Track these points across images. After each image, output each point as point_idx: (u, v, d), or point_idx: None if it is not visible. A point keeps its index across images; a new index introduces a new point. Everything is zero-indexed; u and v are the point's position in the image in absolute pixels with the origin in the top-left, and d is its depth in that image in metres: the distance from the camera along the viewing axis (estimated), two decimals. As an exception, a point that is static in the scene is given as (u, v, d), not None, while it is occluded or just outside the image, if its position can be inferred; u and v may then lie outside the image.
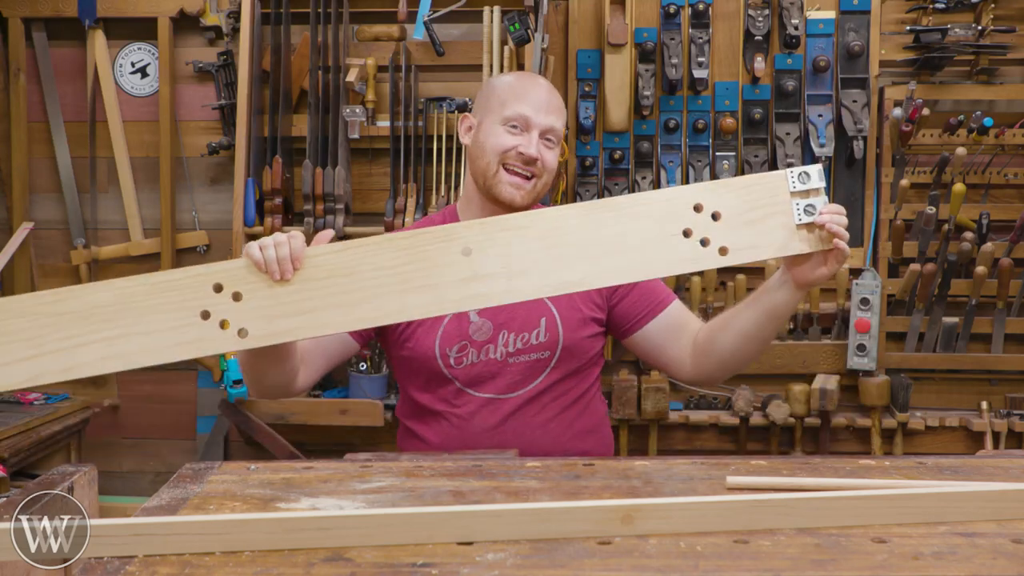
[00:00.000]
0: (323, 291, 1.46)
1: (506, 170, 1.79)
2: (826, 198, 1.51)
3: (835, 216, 1.50)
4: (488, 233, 1.47)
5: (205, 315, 1.43)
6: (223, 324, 1.44)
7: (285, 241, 1.44)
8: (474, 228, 1.47)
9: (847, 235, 1.51)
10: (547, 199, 2.62)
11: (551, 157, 1.81)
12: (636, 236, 1.48)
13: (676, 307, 1.86)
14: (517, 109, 1.79)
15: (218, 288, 1.44)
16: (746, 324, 1.70)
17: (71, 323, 1.42)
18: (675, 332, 1.83)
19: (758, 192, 1.50)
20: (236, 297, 1.44)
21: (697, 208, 1.48)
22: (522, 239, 1.47)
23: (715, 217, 1.48)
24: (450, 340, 1.79)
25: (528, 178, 1.79)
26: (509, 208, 1.79)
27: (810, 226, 1.50)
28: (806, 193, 1.50)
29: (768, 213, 1.50)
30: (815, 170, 1.51)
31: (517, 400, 1.78)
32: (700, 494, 1.28)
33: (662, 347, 1.84)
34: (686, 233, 1.48)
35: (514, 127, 1.79)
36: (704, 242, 1.49)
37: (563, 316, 1.81)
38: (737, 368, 1.80)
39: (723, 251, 1.49)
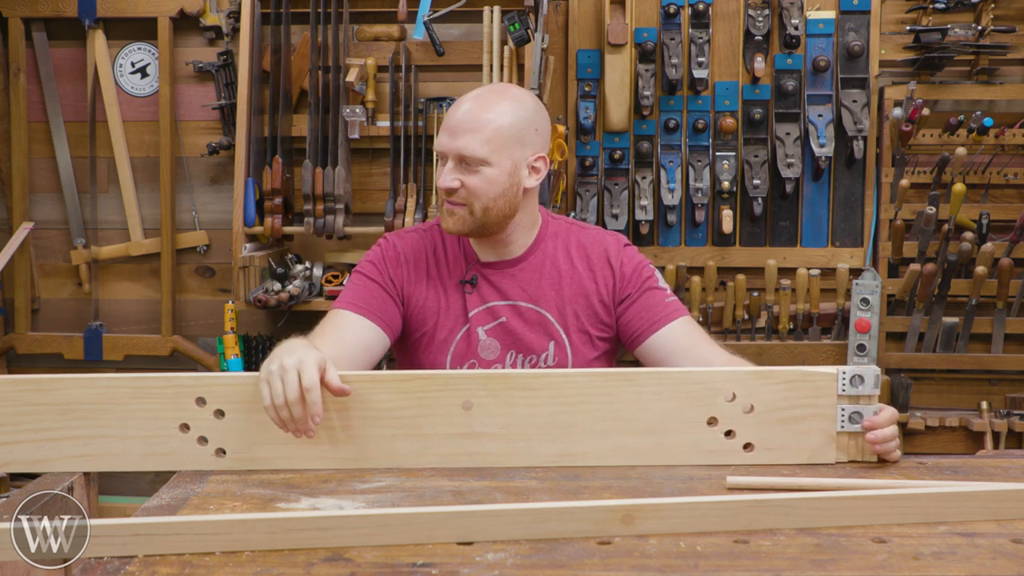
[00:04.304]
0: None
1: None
2: (877, 405, 1.39)
3: (884, 433, 1.38)
4: (493, 389, 1.39)
5: (184, 428, 1.40)
6: (200, 440, 1.39)
7: (298, 400, 1.33)
8: (479, 381, 1.39)
9: (896, 454, 1.40)
10: (546, 199, 2.61)
11: (475, 181, 1.67)
12: (654, 416, 1.38)
13: (679, 328, 1.76)
14: (437, 141, 1.73)
15: (200, 402, 1.39)
16: None
17: (47, 415, 1.38)
18: (674, 355, 1.73)
19: (802, 390, 1.38)
20: (218, 414, 1.40)
21: (730, 397, 1.38)
22: (529, 401, 1.38)
23: (747, 409, 1.39)
24: (460, 358, 1.78)
25: (460, 205, 1.70)
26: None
27: (852, 434, 1.40)
28: (856, 398, 1.38)
29: (808, 414, 1.39)
30: (871, 374, 1.38)
31: None
32: (700, 494, 1.28)
33: (662, 366, 1.73)
34: (711, 421, 1.39)
35: (441, 158, 1.73)
36: (729, 434, 1.39)
37: (572, 340, 1.79)
38: None
39: (748, 447, 1.40)
